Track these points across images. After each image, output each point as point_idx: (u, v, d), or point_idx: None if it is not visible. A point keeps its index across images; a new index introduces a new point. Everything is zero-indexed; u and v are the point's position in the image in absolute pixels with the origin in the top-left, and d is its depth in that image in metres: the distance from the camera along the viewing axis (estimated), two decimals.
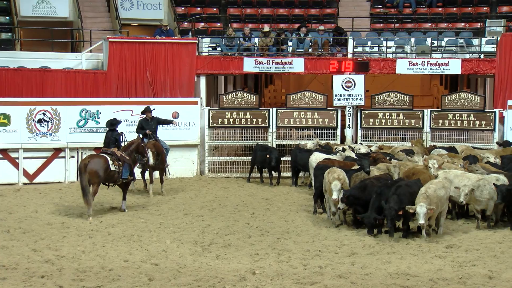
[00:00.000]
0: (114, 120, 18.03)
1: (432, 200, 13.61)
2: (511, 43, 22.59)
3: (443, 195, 14.18)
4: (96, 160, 16.64)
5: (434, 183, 14.27)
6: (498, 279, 11.24)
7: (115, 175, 16.80)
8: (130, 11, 27.63)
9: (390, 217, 13.75)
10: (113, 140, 17.52)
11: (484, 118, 22.22)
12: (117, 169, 16.82)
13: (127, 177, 17.09)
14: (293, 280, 11.19)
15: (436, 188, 14.03)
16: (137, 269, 11.79)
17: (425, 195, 13.61)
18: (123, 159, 17.04)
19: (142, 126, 19.33)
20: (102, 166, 16.49)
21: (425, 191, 13.76)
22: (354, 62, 23.26)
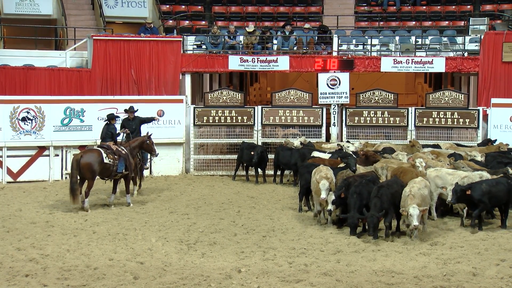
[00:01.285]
0: (111, 115, 18.16)
1: (418, 199, 13.57)
2: (494, 41, 22.74)
3: (426, 194, 14.16)
4: (89, 154, 16.87)
5: (417, 182, 14.15)
6: (482, 276, 11.32)
7: (110, 169, 16.99)
8: (115, 9, 27.53)
9: (372, 225, 13.61)
10: (109, 134, 17.68)
11: (468, 116, 22.34)
12: (112, 162, 16.99)
13: (122, 171, 17.22)
14: (279, 278, 11.20)
15: (420, 187, 13.96)
16: (122, 268, 11.75)
17: (411, 196, 13.54)
18: (119, 153, 17.19)
19: (123, 125, 19.13)
20: (95, 160, 16.69)
21: (409, 191, 13.69)
22: (339, 60, 23.32)
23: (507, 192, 14.79)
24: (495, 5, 28.43)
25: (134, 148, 17.88)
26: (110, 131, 17.76)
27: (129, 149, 17.65)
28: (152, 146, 18.28)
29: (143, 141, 18.12)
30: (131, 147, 17.79)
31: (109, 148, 17.21)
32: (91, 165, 16.66)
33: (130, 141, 18.08)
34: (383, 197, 13.76)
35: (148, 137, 18.34)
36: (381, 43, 24.66)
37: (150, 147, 18.27)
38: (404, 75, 28.74)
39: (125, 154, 17.35)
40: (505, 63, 22.61)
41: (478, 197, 14.38)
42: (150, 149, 18.33)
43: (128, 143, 17.95)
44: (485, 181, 14.83)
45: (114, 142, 17.59)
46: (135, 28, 25.35)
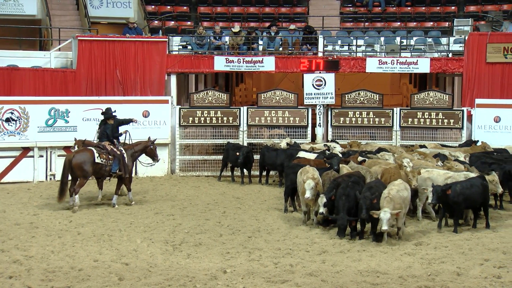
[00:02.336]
0: (107, 115, 18.21)
1: (396, 202, 13.47)
2: (479, 42, 22.85)
3: (406, 196, 14.03)
4: (81, 153, 17.02)
5: (397, 184, 14.04)
6: (466, 276, 11.37)
7: (103, 168, 17.15)
8: (99, 9, 27.40)
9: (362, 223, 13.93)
10: (105, 134, 17.77)
11: (452, 116, 22.46)
12: (105, 162, 17.11)
13: (116, 171, 17.31)
14: (264, 279, 11.20)
15: (399, 189, 13.85)
16: (107, 269, 11.71)
17: (389, 198, 13.41)
18: (113, 153, 17.26)
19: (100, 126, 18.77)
20: (87, 160, 16.84)
21: (388, 193, 13.56)
22: (324, 60, 23.36)
23: (482, 194, 14.84)
24: (479, 6, 28.60)
25: (136, 152, 18.08)
26: (105, 131, 17.84)
27: (131, 152, 17.84)
28: (155, 151, 18.45)
29: (146, 146, 18.29)
30: (134, 150, 17.99)
31: (104, 148, 17.31)
32: (82, 164, 16.81)
33: (133, 144, 18.22)
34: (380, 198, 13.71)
35: (152, 142, 18.46)
36: (366, 44, 24.73)
37: (153, 152, 18.42)
38: (389, 76, 28.85)
39: (119, 154, 17.42)
40: (489, 63, 22.72)
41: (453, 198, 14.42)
42: (153, 154, 18.44)
43: (131, 146, 18.11)
44: (459, 182, 14.85)
45: (110, 142, 17.64)
46: (120, 28, 25.24)
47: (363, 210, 13.50)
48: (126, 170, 17.57)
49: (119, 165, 17.40)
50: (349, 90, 23.44)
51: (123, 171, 17.50)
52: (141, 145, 18.27)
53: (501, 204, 17.25)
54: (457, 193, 14.39)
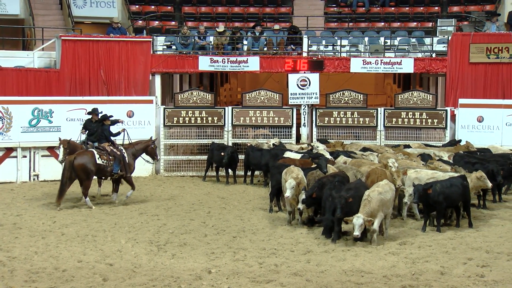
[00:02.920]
0: (104, 116, 18.37)
1: (375, 204, 13.29)
2: (462, 43, 23.00)
3: (389, 198, 13.86)
4: (82, 155, 17.19)
5: (380, 186, 13.94)
6: (450, 275, 11.43)
7: (104, 169, 17.32)
8: (83, 9, 27.30)
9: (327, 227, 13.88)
10: (104, 136, 17.91)
11: (436, 116, 22.58)
12: (106, 163, 17.27)
13: (118, 171, 17.46)
14: (249, 279, 11.20)
15: (382, 191, 13.73)
16: (91, 270, 11.66)
17: (367, 201, 13.28)
18: (114, 153, 17.42)
19: (85, 127, 18.73)
20: (89, 161, 17.02)
21: (367, 195, 13.43)
22: (309, 61, 23.41)
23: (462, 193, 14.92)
24: (462, 7, 28.78)
25: (137, 151, 18.26)
26: (103, 133, 18.01)
27: (132, 151, 18.01)
28: (155, 150, 18.67)
29: (147, 145, 18.49)
30: (135, 149, 18.15)
31: (104, 149, 17.47)
32: (84, 166, 16.95)
33: (133, 143, 18.37)
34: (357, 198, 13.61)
35: (153, 141, 18.65)
36: (350, 44, 24.80)
37: (154, 151, 18.64)
38: (373, 76, 28.92)
39: (120, 155, 17.58)
40: (472, 64, 22.88)
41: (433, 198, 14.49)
42: (154, 153, 18.65)
43: (132, 145, 18.24)
44: (439, 182, 14.91)
45: (109, 142, 17.80)
46: (104, 28, 25.14)
47: (338, 209, 13.36)
48: (127, 170, 17.73)
49: (120, 165, 17.54)
50: (334, 90, 23.50)
51: (125, 171, 17.65)
52: (142, 144, 18.49)
53: (484, 204, 17.36)
54: (437, 192, 14.47)
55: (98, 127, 18.49)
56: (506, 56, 22.56)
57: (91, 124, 18.63)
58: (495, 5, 27.84)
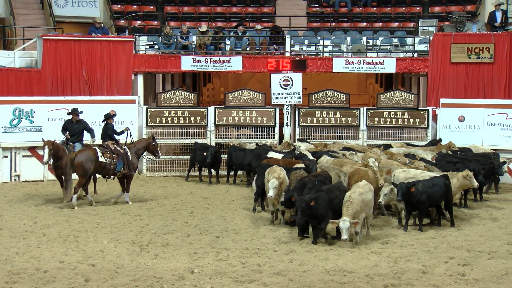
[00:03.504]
0: (107, 114, 18.51)
1: (357, 205, 13.23)
2: (443, 43, 23.14)
3: (370, 199, 13.79)
4: (84, 152, 17.32)
5: (361, 186, 13.91)
6: (431, 274, 11.50)
7: (106, 167, 17.40)
8: (65, 8, 27.10)
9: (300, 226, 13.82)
10: (107, 134, 18.02)
11: (418, 116, 22.70)
12: (109, 161, 17.37)
13: (121, 169, 17.53)
14: (232, 278, 11.20)
15: (362, 191, 13.68)
16: (73, 270, 11.59)
17: (349, 203, 13.18)
18: (117, 152, 17.52)
19: (65, 127, 18.57)
20: (90, 158, 17.10)
21: (349, 197, 13.34)
22: (291, 60, 23.46)
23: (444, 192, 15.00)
24: (444, 7, 28.95)
25: (139, 149, 18.37)
26: (107, 131, 18.12)
27: (134, 150, 18.08)
28: (157, 147, 18.72)
29: (149, 143, 18.59)
30: (137, 148, 18.24)
31: (107, 147, 17.57)
32: (83, 163, 17.02)
33: (135, 142, 18.51)
34: (319, 201, 13.46)
35: (153, 138, 18.72)
36: (333, 44, 24.87)
37: (155, 148, 18.69)
38: (356, 76, 29.05)
39: (123, 153, 17.65)
40: (454, 64, 23.02)
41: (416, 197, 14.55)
42: (155, 150, 18.70)
43: (134, 144, 18.32)
44: (421, 181, 14.99)
45: (113, 141, 17.88)
46: (86, 28, 25.02)
47: (298, 213, 13.29)
48: (130, 168, 17.80)
49: (123, 163, 17.61)
50: (316, 90, 23.56)
51: (128, 169, 17.72)
52: (143, 142, 18.66)
53: (465, 203, 17.48)
54: (419, 191, 14.54)
55: (79, 127, 18.39)
56: (486, 56, 22.73)
57: (71, 124, 18.50)
58: (475, 5, 28.03)
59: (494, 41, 22.67)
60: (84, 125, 18.77)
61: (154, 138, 18.84)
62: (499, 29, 23.52)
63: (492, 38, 22.74)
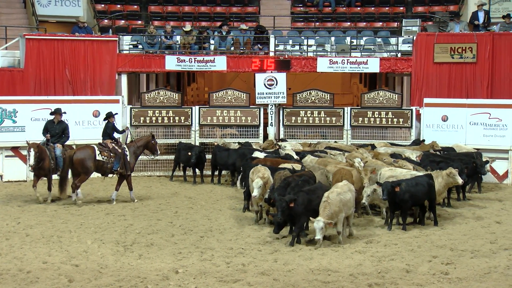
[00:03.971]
0: (109, 113, 18.59)
1: (335, 206, 13.17)
2: (426, 42, 23.24)
3: (349, 199, 13.67)
4: (82, 150, 17.53)
5: (339, 187, 13.78)
6: (415, 273, 11.56)
7: (104, 166, 17.60)
8: (48, 7, 26.97)
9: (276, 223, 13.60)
10: (107, 133, 18.10)
11: (401, 115, 22.80)
12: (106, 159, 17.50)
13: (117, 169, 17.66)
14: (216, 278, 11.19)
15: (341, 191, 13.56)
16: (57, 271, 11.54)
17: (326, 203, 13.15)
18: (115, 151, 17.63)
19: (46, 128, 18.30)
20: (88, 156, 17.29)
21: (326, 197, 13.28)
22: (275, 60, 23.47)
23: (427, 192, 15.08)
24: (427, 7, 29.09)
25: (139, 148, 18.41)
26: (107, 130, 18.22)
27: (133, 148, 18.17)
28: (155, 146, 18.76)
29: (148, 141, 18.61)
30: (137, 146, 18.31)
31: (106, 146, 17.68)
32: (83, 161, 17.24)
33: (135, 140, 18.60)
34: (299, 201, 13.41)
35: (152, 136, 18.77)
36: (317, 44, 24.91)
37: (154, 147, 18.74)
38: (340, 75, 29.12)
39: (120, 152, 17.76)
40: (437, 63, 23.13)
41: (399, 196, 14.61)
42: (154, 149, 18.75)
43: (134, 142, 18.41)
44: (405, 180, 15.05)
45: (112, 139, 17.98)
46: (70, 27, 24.89)
47: (278, 213, 13.30)
48: (127, 167, 17.86)
49: (120, 163, 17.69)
50: (301, 90, 23.60)
51: (124, 169, 17.78)
52: (142, 141, 18.65)
53: (448, 202, 17.58)
54: (402, 190, 14.61)
55: (60, 128, 18.17)
56: (469, 56, 22.86)
57: (52, 125, 18.27)
58: (458, 5, 28.20)
59: (477, 41, 22.81)
60: (64, 126, 18.48)
61: (154, 137, 18.85)
62: (482, 29, 23.68)
63: (474, 38, 22.89)
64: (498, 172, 21.29)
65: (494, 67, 22.80)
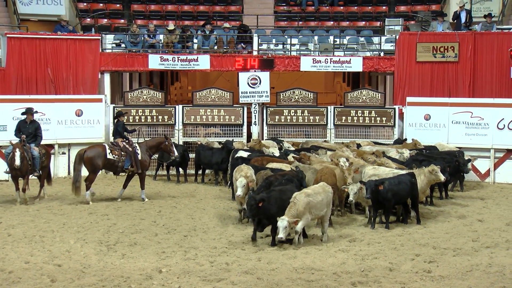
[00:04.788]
0: (119, 112, 19.01)
1: (301, 206, 12.96)
2: (409, 42, 23.37)
3: (320, 200, 13.38)
4: (93, 149, 17.76)
5: (311, 189, 13.57)
6: (398, 271, 11.60)
7: (114, 164, 17.76)
8: (29, 6, 26.80)
9: None
10: (118, 132, 18.19)
11: (384, 114, 22.89)
12: (117, 158, 17.63)
13: (128, 167, 17.85)
14: (200, 277, 11.17)
15: (312, 193, 13.32)
16: (39, 271, 11.46)
17: (293, 203, 12.97)
18: (126, 149, 17.73)
19: (19, 128, 17.89)
20: (98, 155, 17.51)
21: (294, 197, 13.11)
22: (259, 59, 23.48)
23: (410, 190, 15.15)
24: (409, 7, 29.26)
25: (150, 148, 18.42)
26: (117, 129, 18.34)
27: (145, 148, 18.19)
28: (171, 147, 18.62)
29: (160, 142, 18.59)
30: (148, 146, 18.33)
31: (117, 145, 17.79)
32: (92, 159, 17.43)
33: (147, 141, 18.71)
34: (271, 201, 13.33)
35: (166, 137, 18.71)
36: (300, 43, 24.96)
37: (169, 148, 18.64)
38: (323, 74, 29.21)
39: (131, 151, 17.83)
40: (419, 62, 23.27)
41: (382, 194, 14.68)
42: (169, 150, 18.68)
43: (145, 142, 18.48)
44: (388, 179, 15.10)
45: (122, 138, 18.07)
46: (52, 26, 24.78)
47: (248, 211, 13.31)
48: (138, 166, 17.91)
49: (131, 161, 17.78)
50: (284, 89, 23.62)
51: (135, 167, 17.87)
52: (154, 142, 18.68)
53: (431, 200, 17.68)
54: (385, 189, 14.66)
55: (32, 128, 17.77)
56: (451, 55, 23.01)
57: (25, 125, 17.86)
58: (440, 4, 28.37)
59: (459, 40, 22.96)
60: (36, 126, 17.98)
61: (167, 138, 18.76)
62: (464, 28, 23.83)
63: (456, 37, 23.03)
64: (480, 171, 21.45)
65: (475, 66, 22.96)
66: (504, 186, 20.84)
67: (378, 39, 24.85)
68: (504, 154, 21.28)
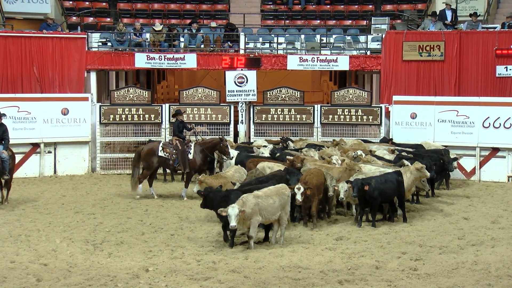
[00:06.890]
0: (177, 111, 19.34)
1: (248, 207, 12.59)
2: (395, 41, 23.44)
3: (271, 203, 13.04)
4: (148, 146, 18.63)
5: (263, 191, 13.17)
6: (384, 269, 11.64)
7: (166, 161, 18.36)
8: (14, 4, 26.62)
9: None
10: (175, 130, 18.76)
11: (371, 113, 22.96)
12: (169, 156, 18.23)
13: (176, 165, 18.36)
14: (187, 276, 11.16)
15: (262, 195, 12.99)
16: (25, 270, 11.40)
17: (241, 201, 12.71)
18: (177, 148, 18.19)
19: None
20: (151, 152, 18.25)
21: (244, 196, 12.90)
22: (246, 58, 23.49)
23: (397, 188, 15.21)
24: (395, 5, 29.34)
25: (206, 149, 18.59)
26: (174, 128, 18.91)
27: (199, 148, 18.42)
28: (226, 149, 18.62)
29: (216, 143, 18.67)
30: (204, 147, 18.54)
31: (170, 143, 18.44)
32: (146, 156, 18.22)
33: (204, 141, 19.04)
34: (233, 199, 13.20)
35: (221, 139, 18.72)
36: (287, 41, 24.98)
37: (224, 149, 18.66)
38: (310, 73, 29.25)
39: (181, 150, 18.21)
40: (405, 61, 23.35)
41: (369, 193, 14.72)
42: (224, 151, 18.72)
43: (202, 143, 18.83)
44: (374, 177, 15.17)
45: (177, 137, 18.45)
46: (37, 24, 24.63)
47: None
48: (185, 165, 18.22)
49: (179, 160, 18.17)
50: (271, 87, 23.63)
51: (184, 167, 18.20)
52: (211, 142, 18.80)
53: (417, 199, 17.75)
54: (372, 187, 14.71)
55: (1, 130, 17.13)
56: (437, 54, 23.11)
57: None
58: (426, 3, 28.47)
59: (445, 39, 23.06)
60: (4, 129, 17.31)
61: (222, 139, 18.73)
62: (449, 27, 23.93)
63: (442, 36, 23.13)
64: (466, 169, 21.58)
65: (461, 65, 23.07)
66: (489, 184, 20.96)
67: (364, 38, 24.91)
68: (489, 152, 21.42)
